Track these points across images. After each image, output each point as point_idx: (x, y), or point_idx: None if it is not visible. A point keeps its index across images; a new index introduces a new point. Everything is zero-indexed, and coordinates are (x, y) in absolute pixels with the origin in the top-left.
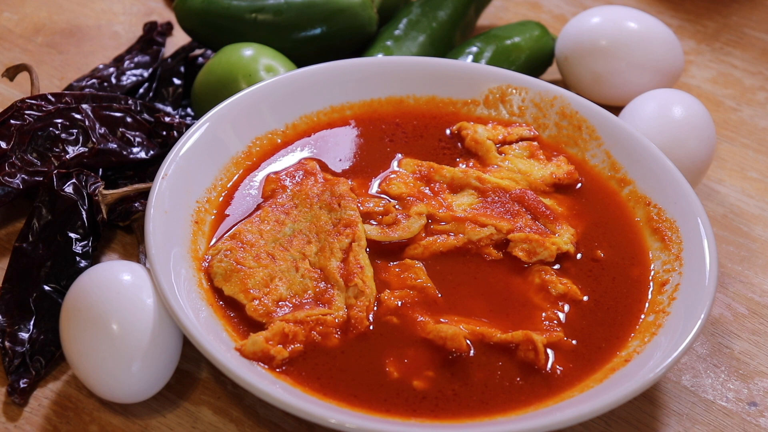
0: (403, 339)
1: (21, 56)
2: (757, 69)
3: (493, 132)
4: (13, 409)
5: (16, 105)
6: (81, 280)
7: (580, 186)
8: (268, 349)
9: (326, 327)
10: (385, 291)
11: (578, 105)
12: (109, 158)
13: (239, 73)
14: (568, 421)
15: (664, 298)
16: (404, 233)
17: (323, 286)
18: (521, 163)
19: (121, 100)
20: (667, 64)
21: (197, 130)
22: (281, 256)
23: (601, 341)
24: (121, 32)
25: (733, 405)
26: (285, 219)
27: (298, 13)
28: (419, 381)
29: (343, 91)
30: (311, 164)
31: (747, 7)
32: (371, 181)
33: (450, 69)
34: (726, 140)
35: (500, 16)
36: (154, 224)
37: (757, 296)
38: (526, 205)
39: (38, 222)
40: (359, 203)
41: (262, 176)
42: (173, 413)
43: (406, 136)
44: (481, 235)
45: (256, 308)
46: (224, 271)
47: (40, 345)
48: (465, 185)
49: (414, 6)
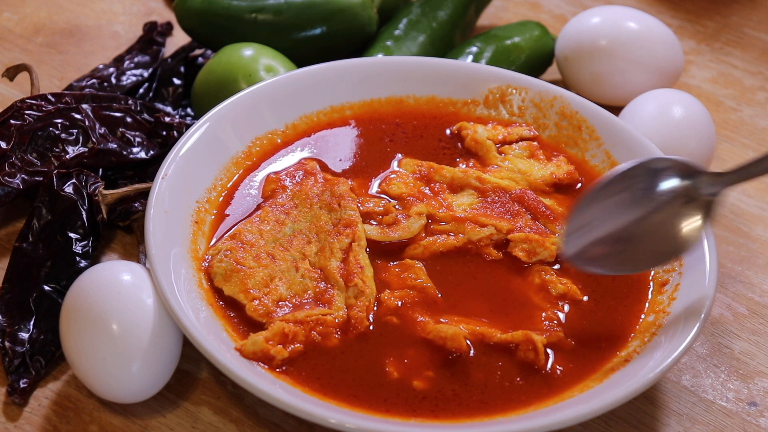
0: (403, 339)
1: (21, 56)
2: (757, 69)
3: (493, 132)
4: (13, 409)
5: (16, 105)
6: (81, 280)
7: (580, 186)
8: (268, 349)
9: (326, 327)
10: (385, 291)
11: (578, 105)
12: (109, 158)
13: (239, 73)
14: (568, 421)
15: (664, 298)
16: (404, 233)
17: (323, 286)
18: (521, 163)
19: (121, 100)
20: (667, 64)
21: (197, 130)
22: (281, 256)
23: (601, 341)
24: (121, 32)
25: (733, 405)
26: (285, 219)
27: (298, 13)
28: (419, 381)
29: (343, 91)
30: (311, 164)
31: (747, 7)
32: (371, 181)
33: (450, 69)
34: (726, 140)
35: (500, 16)
36: (154, 224)
37: (757, 296)
38: (526, 205)
39: (38, 222)
40: (359, 203)
41: (262, 176)
42: (173, 413)
43: (406, 136)
44: (481, 235)
45: (256, 308)
46: (224, 271)
47: (40, 345)
48: (465, 185)
49: (414, 6)
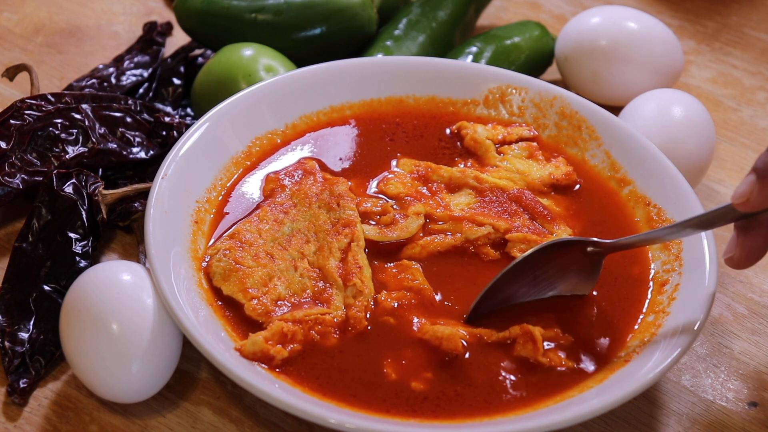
0: (401, 340)
1: (21, 56)
2: (757, 69)
3: (493, 132)
4: (13, 409)
5: (15, 105)
6: (81, 280)
7: (578, 187)
8: (268, 349)
9: (325, 326)
10: (381, 292)
11: (578, 105)
12: (109, 158)
13: (239, 73)
14: (568, 421)
15: (664, 298)
16: (402, 233)
17: (322, 285)
18: (519, 164)
19: (121, 100)
20: (667, 64)
21: (197, 130)
22: (280, 255)
23: (600, 341)
24: (120, 32)
25: (732, 405)
26: (284, 218)
27: (298, 13)
28: (417, 382)
29: (342, 91)
30: (310, 164)
31: (747, 7)
32: (369, 181)
33: (450, 69)
34: (726, 140)
35: (500, 16)
36: (154, 224)
37: (757, 296)
38: (523, 204)
39: (38, 222)
40: (357, 203)
41: (262, 176)
42: (173, 413)
43: (407, 135)
44: (478, 234)
45: (255, 308)
46: (223, 271)
47: (40, 345)
48: (462, 185)
49: (414, 6)
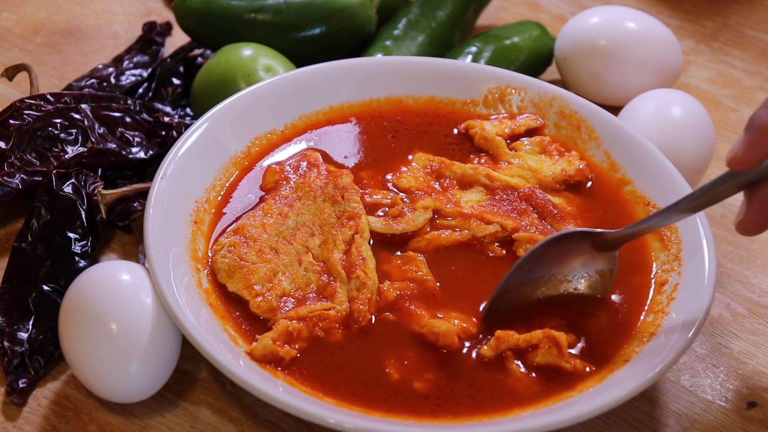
0: (403, 339)
1: (20, 56)
2: (756, 69)
3: (500, 126)
4: (12, 409)
5: (15, 105)
6: (80, 280)
7: (590, 185)
8: (277, 350)
9: (329, 322)
10: (384, 282)
11: (577, 105)
12: (108, 158)
13: (238, 73)
14: (567, 421)
15: (663, 298)
16: (408, 226)
17: (326, 279)
18: (532, 160)
19: (120, 100)
20: (667, 64)
21: (196, 130)
22: (284, 249)
23: (600, 341)
24: (120, 32)
25: (732, 405)
26: (288, 212)
27: (298, 13)
28: (419, 383)
29: (342, 91)
30: (314, 155)
31: (747, 7)
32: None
33: (449, 69)
34: (725, 140)
35: (499, 16)
36: (153, 224)
37: (756, 296)
38: (533, 203)
39: (37, 222)
40: (366, 194)
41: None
42: (172, 413)
43: (409, 132)
44: (485, 232)
45: (260, 304)
46: (228, 267)
47: (39, 345)
48: (474, 182)
49: (413, 6)
